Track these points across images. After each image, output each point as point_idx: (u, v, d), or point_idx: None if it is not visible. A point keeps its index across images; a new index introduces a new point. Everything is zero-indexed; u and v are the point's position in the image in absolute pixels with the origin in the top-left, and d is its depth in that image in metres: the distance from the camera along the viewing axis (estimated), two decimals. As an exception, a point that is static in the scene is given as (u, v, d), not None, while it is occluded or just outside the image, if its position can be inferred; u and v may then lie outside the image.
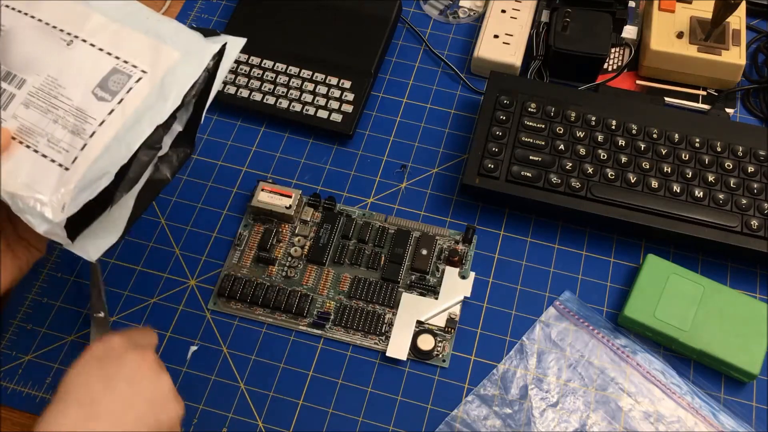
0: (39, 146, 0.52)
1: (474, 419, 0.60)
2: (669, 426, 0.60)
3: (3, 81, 0.54)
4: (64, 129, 0.52)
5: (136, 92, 0.53)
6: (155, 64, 0.54)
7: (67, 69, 0.54)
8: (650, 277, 0.64)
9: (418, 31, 0.82)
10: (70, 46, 0.54)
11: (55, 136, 0.52)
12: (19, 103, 0.53)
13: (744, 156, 0.69)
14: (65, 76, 0.53)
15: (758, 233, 0.65)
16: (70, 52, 0.54)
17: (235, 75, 0.76)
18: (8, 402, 0.62)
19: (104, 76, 0.53)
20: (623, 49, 0.80)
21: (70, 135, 0.52)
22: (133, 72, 0.53)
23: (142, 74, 0.53)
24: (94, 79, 0.53)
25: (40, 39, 0.54)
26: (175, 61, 0.54)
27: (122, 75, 0.53)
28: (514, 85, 0.73)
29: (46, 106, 0.53)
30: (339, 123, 0.74)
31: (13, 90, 0.53)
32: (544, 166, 0.68)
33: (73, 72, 0.54)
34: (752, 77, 0.79)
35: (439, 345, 0.64)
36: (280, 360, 0.64)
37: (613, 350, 0.63)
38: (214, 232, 0.70)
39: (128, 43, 0.55)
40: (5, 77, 0.53)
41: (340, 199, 0.71)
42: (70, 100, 0.53)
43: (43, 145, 0.52)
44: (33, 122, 0.52)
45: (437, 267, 0.67)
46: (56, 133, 0.52)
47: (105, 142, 0.52)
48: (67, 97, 0.53)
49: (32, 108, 0.53)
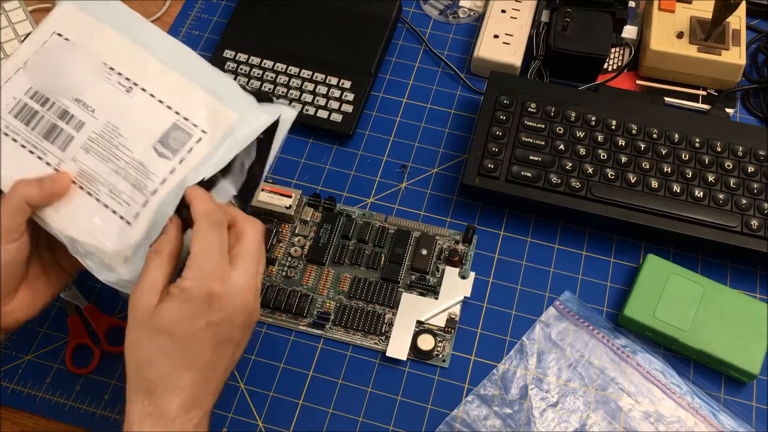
0: (101, 195, 0.52)
1: (474, 419, 0.60)
2: (669, 426, 0.60)
3: (61, 119, 0.53)
4: (125, 181, 0.52)
5: (196, 153, 0.52)
6: (215, 124, 0.53)
7: (127, 118, 0.53)
8: (650, 277, 0.64)
9: (418, 31, 0.82)
10: (129, 93, 0.54)
11: (117, 187, 0.52)
12: (78, 146, 0.53)
13: (744, 156, 0.69)
14: (125, 126, 0.53)
15: (758, 233, 0.65)
16: (130, 100, 0.53)
17: (235, 75, 0.76)
18: (8, 402, 0.62)
19: (165, 132, 0.53)
20: (623, 49, 0.80)
21: (132, 188, 0.52)
22: (193, 131, 0.53)
23: (203, 134, 0.53)
24: (156, 134, 0.53)
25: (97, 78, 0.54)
26: (233, 124, 0.53)
27: (183, 133, 0.53)
28: (514, 85, 0.73)
29: (107, 155, 0.52)
30: (339, 123, 0.74)
31: (71, 131, 0.53)
32: (544, 166, 0.68)
33: (133, 122, 0.53)
34: (752, 77, 0.79)
35: (439, 345, 0.64)
36: (280, 360, 0.64)
37: (613, 350, 0.63)
38: (214, 232, 0.70)
39: (188, 97, 0.54)
40: (62, 116, 0.53)
41: (340, 199, 0.71)
42: (131, 152, 0.52)
43: (105, 194, 0.52)
44: (93, 169, 0.52)
45: (437, 267, 0.67)
46: (118, 184, 0.52)
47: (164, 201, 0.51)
48: (128, 148, 0.52)
49: (92, 154, 0.52)
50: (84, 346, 0.64)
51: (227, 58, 0.77)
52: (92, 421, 0.61)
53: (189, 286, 0.47)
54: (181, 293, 0.47)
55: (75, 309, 0.65)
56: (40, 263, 0.54)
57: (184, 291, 0.47)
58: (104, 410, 0.61)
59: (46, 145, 0.53)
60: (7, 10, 0.81)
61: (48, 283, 0.55)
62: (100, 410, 0.61)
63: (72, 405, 0.62)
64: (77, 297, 0.66)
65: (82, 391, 0.62)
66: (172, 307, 0.47)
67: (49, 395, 0.62)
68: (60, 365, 0.63)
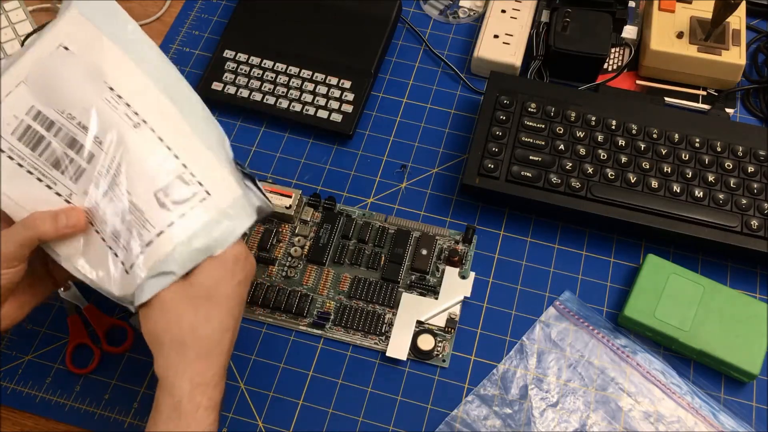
0: (106, 236, 0.50)
1: (474, 419, 0.60)
2: (669, 426, 0.60)
3: (70, 148, 0.51)
4: (123, 225, 0.49)
5: (197, 213, 0.50)
6: (218, 191, 0.51)
7: (134, 157, 0.50)
8: (650, 277, 0.64)
9: (418, 31, 0.82)
10: (137, 129, 0.50)
11: (117, 229, 0.50)
12: (90, 179, 0.50)
13: (744, 156, 0.69)
14: (130, 165, 0.50)
15: (758, 233, 0.65)
16: (137, 138, 0.50)
17: (235, 75, 0.76)
18: (8, 402, 0.62)
19: (170, 181, 0.50)
20: (623, 49, 0.80)
21: (129, 234, 0.49)
22: (198, 190, 0.50)
23: (206, 195, 0.50)
24: (159, 181, 0.50)
25: (104, 106, 0.50)
26: (235, 198, 0.51)
27: (187, 188, 0.50)
28: (514, 85, 0.73)
29: (111, 193, 0.50)
30: (339, 123, 0.74)
31: (82, 162, 0.50)
32: (544, 166, 0.68)
33: (139, 163, 0.50)
34: (752, 77, 0.79)
35: (439, 345, 0.64)
36: (280, 360, 0.64)
37: (613, 350, 0.63)
38: (214, 232, 0.70)
39: (193, 150, 0.51)
40: (71, 145, 0.51)
41: (340, 199, 0.71)
42: (131, 195, 0.49)
43: (109, 235, 0.50)
44: (101, 206, 0.50)
45: (437, 267, 0.67)
46: (118, 226, 0.50)
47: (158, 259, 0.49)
48: (129, 191, 0.50)
49: (101, 190, 0.50)
50: (84, 346, 0.64)
51: (227, 58, 0.77)
52: (92, 421, 0.61)
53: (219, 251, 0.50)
54: (213, 259, 0.50)
55: (75, 309, 0.65)
56: (30, 276, 0.54)
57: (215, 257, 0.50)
58: (104, 410, 0.61)
59: (56, 174, 0.51)
60: (7, 10, 0.81)
61: (34, 295, 0.55)
62: (100, 410, 0.61)
63: (72, 405, 0.62)
64: (77, 297, 0.66)
65: (82, 391, 0.62)
66: (209, 272, 0.50)
67: (49, 395, 0.62)
68: (60, 365, 0.63)
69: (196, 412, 0.49)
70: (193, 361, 0.50)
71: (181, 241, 0.49)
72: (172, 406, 0.49)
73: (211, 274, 0.50)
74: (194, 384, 0.49)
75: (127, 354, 0.64)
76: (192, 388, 0.49)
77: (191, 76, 0.79)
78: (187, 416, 0.49)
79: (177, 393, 0.49)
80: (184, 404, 0.49)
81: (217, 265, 0.50)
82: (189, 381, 0.49)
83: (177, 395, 0.49)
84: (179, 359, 0.50)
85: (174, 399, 0.49)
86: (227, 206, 0.51)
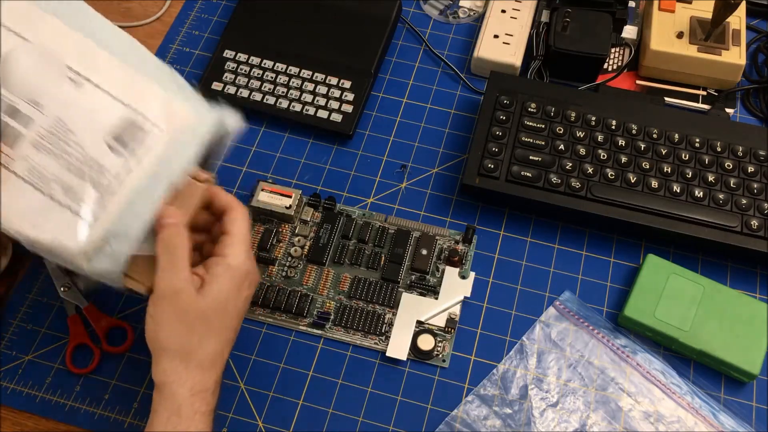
0: (55, 193, 0.51)
1: (474, 419, 0.60)
2: (669, 426, 0.60)
3: (6, 115, 0.51)
4: (79, 178, 0.50)
5: (153, 151, 0.51)
6: (170, 122, 0.52)
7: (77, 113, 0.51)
8: (650, 277, 0.64)
9: (418, 31, 0.82)
10: (79, 88, 0.52)
11: (71, 184, 0.50)
12: (28, 143, 0.51)
13: (744, 156, 0.69)
14: (75, 122, 0.51)
15: (758, 233, 0.65)
16: (80, 95, 0.52)
17: (235, 75, 0.76)
18: (8, 402, 0.62)
19: (118, 127, 0.51)
20: (623, 49, 0.80)
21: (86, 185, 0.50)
22: (150, 128, 0.52)
23: (160, 132, 0.52)
24: (108, 129, 0.51)
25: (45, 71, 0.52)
26: (189, 122, 0.53)
27: (138, 129, 0.51)
28: (514, 85, 0.73)
29: (58, 152, 0.51)
30: (339, 123, 0.74)
31: (20, 128, 0.51)
32: (544, 166, 0.68)
33: (84, 118, 0.51)
34: (752, 77, 0.79)
35: (439, 345, 0.64)
36: (280, 360, 0.64)
37: (613, 350, 0.63)
38: (214, 232, 0.70)
39: (142, 93, 0.53)
40: (10, 112, 0.51)
41: (340, 199, 0.71)
42: (82, 149, 0.51)
43: (60, 192, 0.51)
44: (45, 167, 0.51)
45: (437, 267, 0.67)
46: (72, 182, 0.50)
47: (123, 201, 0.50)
48: (79, 144, 0.51)
49: (43, 151, 0.51)
50: (84, 346, 0.64)
51: (227, 58, 0.77)
52: (92, 421, 0.61)
53: (235, 265, 0.53)
54: (227, 271, 0.52)
55: (75, 309, 0.65)
56: None
57: (229, 269, 0.52)
58: (104, 410, 0.61)
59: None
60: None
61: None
62: (100, 410, 0.61)
63: (72, 405, 0.62)
64: (77, 297, 0.66)
65: (82, 391, 0.62)
66: (222, 286, 0.52)
67: (49, 395, 0.62)
68: (60, 365, 0.63)
69: (194, 417, 0.50)
70: (195, 370, 0.51)
71: (139, 179, 0.51)
72: (172, 410, 0.50)
73: (223, 287, 0.52)
74: (194, 391, 0.51)
75: (127, 354, 0.64)
76: (192, 395, 0.51)
77: (191, 76, 0.79)
78: (186, 420, 0.50)
79: (177, 399, 0.50)
80: (184, 409, 0.50)
81: (229, 278, 0.52)
82: (190, 389, 0.51)
83: (177, 401, 0.50)
84: (183, 368, 0.51)
85: (174, 404, 0.50)
86: (180, 134, 0.52)
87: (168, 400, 0.51)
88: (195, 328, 0.51)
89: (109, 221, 0.50)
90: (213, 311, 0.52)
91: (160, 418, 0.51)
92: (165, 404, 0.51)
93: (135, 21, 0.84)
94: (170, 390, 0.51)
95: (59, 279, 0.66)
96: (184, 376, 0.51)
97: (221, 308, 0.52)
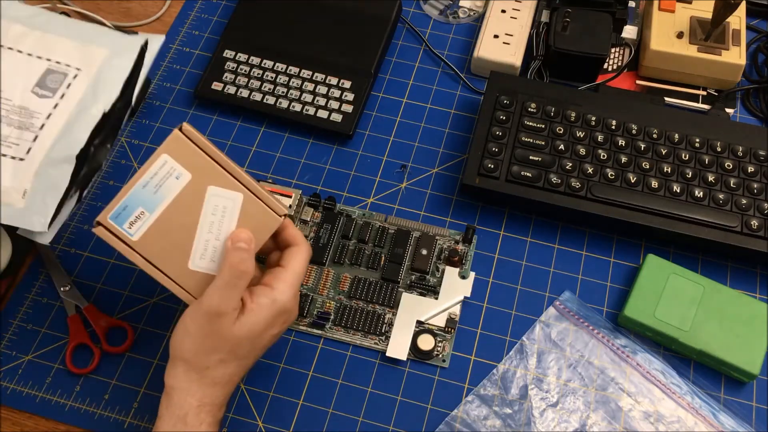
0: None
1: (474, 419, 0.60)
2: (669, 426, 0.60)
3: None
4: (11, 126, 0.58)
5: (75, 87, 0.60)
6: (87, 62, 0.62)
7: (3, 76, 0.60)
8: (650, 277, 0.64)
9: (418, 31, 0.82)
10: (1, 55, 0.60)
11: (4, 133, 0.58)
12: None
13: (744, 156, 0.69)
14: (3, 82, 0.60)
15: (758, 233, 0.65)
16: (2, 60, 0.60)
17: (235, 75, 0.76)
18: (8, 402, 0.62)
19: (41, 77, 0.61)
20: (623, 49, 0.80)
21: (18, 130, 0.58)
22: (68, 70, 0.61)
23: (77, 71, 0.61)
24: (31, 80, 0.61)
25: None
26: (106, 56, 0.62)
27: (58, 74, 0.61)
28: (514, 85, 0.73)
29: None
30: (339, 123, 0.74)
31: None
32: (544, 166, 0.68)
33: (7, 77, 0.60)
34: (752, 77, 0.79)
35: (439, 345, 0.64)
36: (280, 360, 0.64)
37: (613, 350, 0.63)
38: (214, 232, 0.70)
39: (55, 46, 0.62)
40: None
41: (340, 199, 0.71)
42: (11, 101, 0.59)
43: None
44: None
45: (437, 267, 0.67)
46: (4, 131, 0.58)
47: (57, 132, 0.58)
48: (7, 98, 0.59)
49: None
50: (84, 346, 0.64)
51: (227, 58, 0.77)
52: (92, 421, 0.61)
53: (280, 300, 0.53)
54: (272, 305, 0.53)
55: (75, 309, 0.65)
56: None
57: (274, 303, 0.53)
58: (104, 410, 0.61)
59: None
60: (6, 9, 0.81)
61: None
62: (100, 410, 0.61)
63: (72, 405, 0.62)
64: (77, 297, 0.66)
65: (82, 391, 0.62)
66: (260, 318, 0.52)
67: (49, 395, 0.62)
68: (60, 365, 0.63)
69: (200, 426, 0.51)
70: (207, 386, 0.52)
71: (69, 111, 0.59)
72: (178, 416, 0.51)
73: (261, 320, 0.52)
74: (203, 403, 0.51)
75: (127, 354, 0.64)
76: (200, 406, 0.51)
77: (191, 76, 0.79)
78: (191, 428, 0.51)
79: (185, 407, 0.51)
80: (190, 418, 0.51)
81: (270, 312, 0.52)
82: (199, 400, 0.51)
83: (185, 409, 0.51)
84: (196, 380, 0.51)
85: (182, 411, 0.51)
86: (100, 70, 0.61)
87: (175, 406, 0.51)
88: (220, 351, 0.52)
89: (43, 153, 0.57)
90: (245, 340, 0.52)
91: (165, 422, 0.51)
92: (172, 410, 0.51)
93: (135, 21, 0.84)
94: (179, 397, 0.51)
95: (59, 279, 0.66)
96: (195, 387, 0.51)
97: (252, 339, 0.53)
